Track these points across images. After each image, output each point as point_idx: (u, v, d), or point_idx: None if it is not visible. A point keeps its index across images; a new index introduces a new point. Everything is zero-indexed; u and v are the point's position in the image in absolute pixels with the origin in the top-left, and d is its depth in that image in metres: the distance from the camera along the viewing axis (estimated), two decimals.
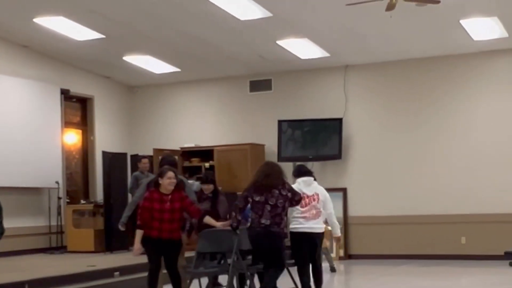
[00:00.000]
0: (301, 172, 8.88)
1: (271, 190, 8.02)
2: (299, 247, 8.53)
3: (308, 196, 8.58)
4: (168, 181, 7.86)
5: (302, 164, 9.58)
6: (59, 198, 14.02)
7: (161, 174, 7.92)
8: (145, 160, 13.46)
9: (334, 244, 13.66)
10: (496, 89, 13.58)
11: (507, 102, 13.48)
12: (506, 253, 12.93)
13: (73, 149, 15.46)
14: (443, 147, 13.83)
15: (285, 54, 13.79)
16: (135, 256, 8.15)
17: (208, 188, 9.43)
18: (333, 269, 12.17)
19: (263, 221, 7.98)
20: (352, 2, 9.94)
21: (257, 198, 8.04)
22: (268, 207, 7.99)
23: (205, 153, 15.01)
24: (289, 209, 8.47)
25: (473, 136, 13.64)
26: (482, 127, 13.60)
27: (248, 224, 8.31)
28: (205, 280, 9.07)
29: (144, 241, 7.83)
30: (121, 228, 8.87)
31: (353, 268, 13.30)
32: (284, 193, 8.05)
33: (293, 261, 8.65)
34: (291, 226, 8.66)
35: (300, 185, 8.65)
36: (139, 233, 7.81)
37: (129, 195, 13.26)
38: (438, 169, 13.82)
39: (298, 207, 8.47)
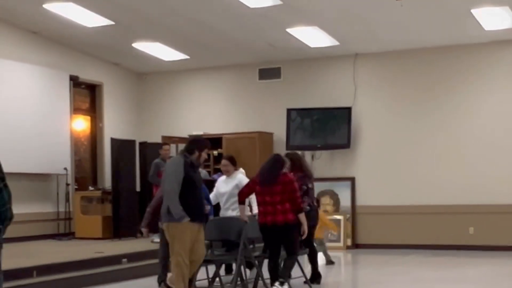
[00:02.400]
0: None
1: (311, 178, 9.38)
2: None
3: None
4: None
5: None
6: (68, 185, 14.05)
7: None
8: (167, 147, 12.95)
9: (342, 232, 13.69)
10: (507, 79, 13.50)
11: None
12: None
13: (82, 136, 15.48)
14: (453, 137, 13.78)
15: (295, 42, 13.74)
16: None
17: None
18: (329, 262, 11.61)
19: (315, 203, 9.38)
20: None
21: (310, 185, 9.20)
22: (314, 192, 9.42)
23: (214, 141, 14.92)
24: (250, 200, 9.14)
25: (483, 126, 13.58)
26: (492, 117, 13.53)
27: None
28: (212, 268, 9.07)
29: None
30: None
31: (360, 258, 13.28)
32: None
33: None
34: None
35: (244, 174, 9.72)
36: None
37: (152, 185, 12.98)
38: (447, 159, 13.77)
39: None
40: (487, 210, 13.34)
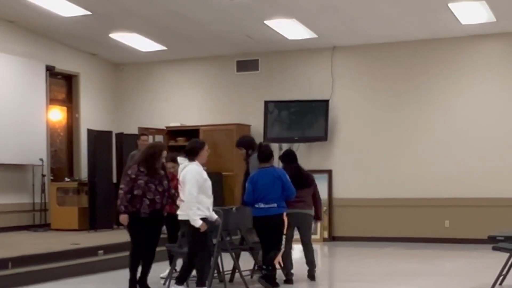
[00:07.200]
0: None
1: None
2: None
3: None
4: None
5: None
6: (43, 176, 13.96)
7: None
8: (145, 137, 12.20)
9: (319, 224, 13.71)
10: (483, 73, 13.60)
11: (493, 86, 13.51)
12: (489, 237, 12.97)
13: (58, 126, 15.37)
14: (429, 130, 13.86)
15: (273, 35, 13.73)
16: None
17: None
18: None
19: None
20: None
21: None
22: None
23: (191, 133, 14.93)
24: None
25: (458, 120, 13.67)
26: (467, 111, 13.62)
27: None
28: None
29: None
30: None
31: (337, 250, 13.34)
32: None
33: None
34: None
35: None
36: None
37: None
38: (423, 153, 13.85)
39: None
40: (463, 203, 13.44)
